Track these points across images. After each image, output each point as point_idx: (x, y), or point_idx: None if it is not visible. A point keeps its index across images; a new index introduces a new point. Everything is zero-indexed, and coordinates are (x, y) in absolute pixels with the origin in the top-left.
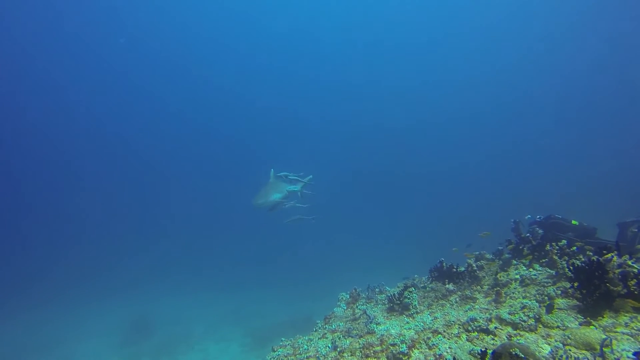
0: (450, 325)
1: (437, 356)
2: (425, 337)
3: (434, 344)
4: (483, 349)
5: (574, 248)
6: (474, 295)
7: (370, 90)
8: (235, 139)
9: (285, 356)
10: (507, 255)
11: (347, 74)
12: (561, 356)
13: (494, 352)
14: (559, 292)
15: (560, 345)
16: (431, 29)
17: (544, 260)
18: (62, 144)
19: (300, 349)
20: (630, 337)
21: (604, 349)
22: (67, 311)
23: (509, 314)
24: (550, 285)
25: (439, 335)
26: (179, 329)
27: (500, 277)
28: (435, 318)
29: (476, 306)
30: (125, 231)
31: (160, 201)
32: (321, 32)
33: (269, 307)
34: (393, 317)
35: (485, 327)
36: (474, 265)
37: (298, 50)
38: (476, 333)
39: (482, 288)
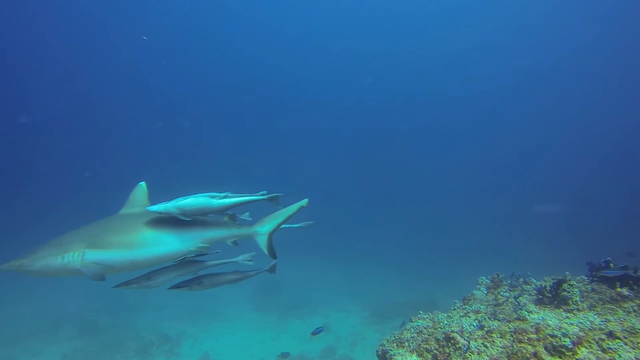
0: (634, 333)
1: None
2: (597, 337)
3: (610, 348)
4: None
5: None
6: None
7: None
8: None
9: (425, 327)
10: None
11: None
12: None
13: None
14: None
15: None
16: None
17: None
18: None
19: (441, 324)
20: None
21: None
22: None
23: None
24: None
25: (618, 340)
26: (301, 292)
27: None
28: (607, 320)
29: None
30: None
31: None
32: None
33: (385, 284)
34: (547, 309)
35: None
36: None
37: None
38: None
39: None
